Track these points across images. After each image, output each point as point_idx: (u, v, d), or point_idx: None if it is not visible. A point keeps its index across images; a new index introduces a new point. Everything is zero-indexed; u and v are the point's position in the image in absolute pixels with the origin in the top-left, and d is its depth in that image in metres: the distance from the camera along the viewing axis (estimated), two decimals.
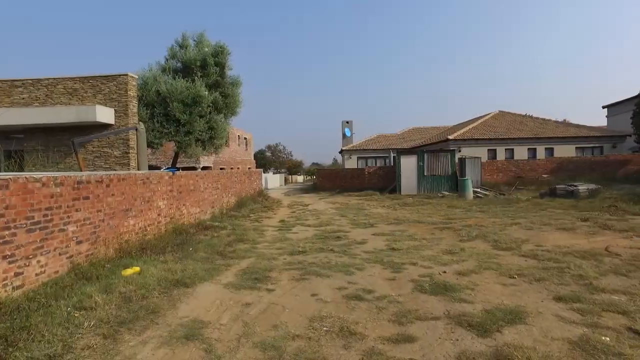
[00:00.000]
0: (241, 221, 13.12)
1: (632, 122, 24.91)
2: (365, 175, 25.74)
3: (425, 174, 21.85)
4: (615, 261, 6.77)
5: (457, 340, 4.04)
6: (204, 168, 30.00)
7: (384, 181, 24.72)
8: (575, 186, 16.61)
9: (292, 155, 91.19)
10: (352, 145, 40.39)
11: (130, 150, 12.94)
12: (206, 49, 17.07)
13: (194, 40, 17.76)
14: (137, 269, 6.39)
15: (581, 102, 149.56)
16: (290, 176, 73.46)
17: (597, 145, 27.50)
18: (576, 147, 27.30)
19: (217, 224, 11.72)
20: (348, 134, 43.82)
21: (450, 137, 26.87)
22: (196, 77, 16.23)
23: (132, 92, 13.31)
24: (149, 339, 4.22)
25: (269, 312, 4.95)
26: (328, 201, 20.52)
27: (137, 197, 8.51)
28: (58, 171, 11.29)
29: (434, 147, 28.07)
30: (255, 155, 59.78)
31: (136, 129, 12.78)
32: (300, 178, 79.26)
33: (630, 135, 26.03)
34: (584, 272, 6.08)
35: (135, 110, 13.46)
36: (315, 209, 16.88)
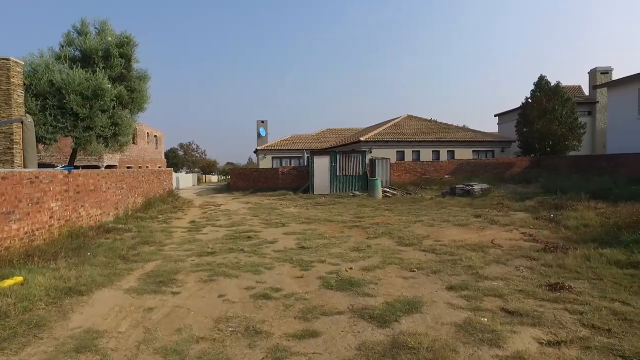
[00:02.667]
0: (148, 223, 12.43)
1: (516, 130, 28.09)
2: (279, 175, 25.81)
3: (337, 174, 22.53)
4: (498, 252, 7.61)
5: (359, 332, 4.25)
6: (108, 167, 27.84)
7: (298, 181, 25.01)
8: (471, 186, 18.30)
9: (206, 155, 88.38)
10: (266, 145, 40.25)
11: (15, 145, 11.54)
12: (109, 39, 15.82)
13: (96, 28, 16.35)
14: (20, 278, 5.74)
15: (480, 110, 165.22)
16: (203, 176, 71.00)
17: (489, 149, 30.57)
18: (473, 150, 30.07)
19: (121, 226, 10.97)
20: (263, 133, 43.58)
21: (362, 138, 28.01)
22: (98, 69, 14.98)
23: (17, 80, 11.86)
24: (28, 356, 3.81)
25: (172, 316, 4.77)
26: (241, 201, 20.24)
27: (22, 198, 7.64)
28: None
29: (347, 148, 29.06)
30: (166, 154, 56.87)
31: (22, 122, 11.42)
32: (214, 178, 76.96)
33: (514, 141, 29.32)
34: (472, 263, 6.75)
35: (20, 100, 12.01)
36: (228, 209, 16.56)
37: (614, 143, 23.99)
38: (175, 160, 75.13)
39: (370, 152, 26.63)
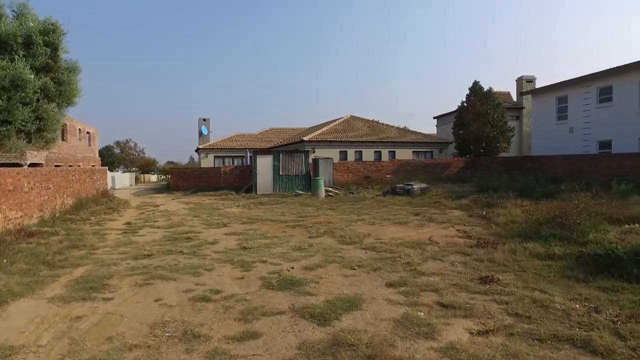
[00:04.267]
0: (79, 225, 11.64)
1: (453, 132, 29.56)
2: (222, 174, 25.25)
3: (280, 173, 22.45)
4: (435, 248, 7.95)
5: (300, 331, 4.25)
6: (32, 165, 25.70)
7: (241, 181, 24.61)
8: (411, 185, 18.99)
9: (144, 153, 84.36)
10: (209, 143, 39.22)
11: None
12: (31, 24, 14.50)
13: (14, 11, 14.92)
14: None
15: (420, 112, 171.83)
16: (142, 175, 67.78)
17: (428, 150, 31.88)
18: (413, 151, 31.20)
19: (46, 229, 10.16)
20: (205, 132, 42.44)
21: (305, 138, 28.11)
22: (17, 57, 13.73)
23: None
24: None
25: (104, 324, 4.50)
26: (182, 201, 19.56)
27: None
28: None
29: (290, 148, 29.03)
30: (101, 152, 53.50)
31: None
32: (153, 177, 73.72)
33: (452, 142, 30.82)
34: (411, 260, 7.00)
35: None
36: (167, 210, 15.94)
37: (537, 145, 26.02)
38: (111, 158, 71.08)
39: (314, 152, 26.80)
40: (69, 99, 15.89)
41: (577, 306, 4.71)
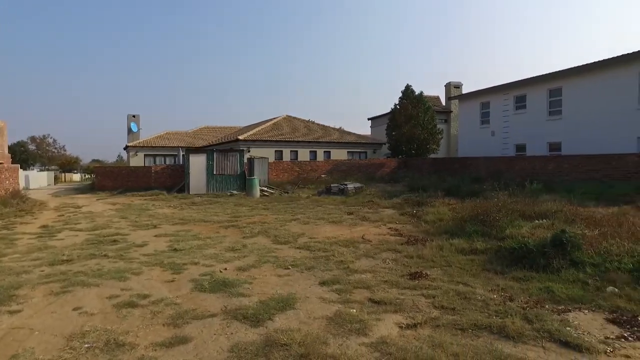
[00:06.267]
0: None
1: (386, 133, 30.60)
2: (152, 173, 24.06)
3: (214, 173, 21.87)
4: (368, 246, 8.16)
5: (232, 333, 4.15)
6: None
7: (173, 180, 23.63)
8: (345, 185, 19.35)
9: (65, 150, 78.03)
10: (138, 141, 37.26)
11: None
12: None
13: None
14: None
15: (355, 113, 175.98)
16: (63, 174, 62.64)
17: (363, 150, 32.71)
18: (348, 151, 31.85)
19: None
20: (134, 129, 40.21)
21: (240, 137, 27.65)
22: None
23: None
24: None
25: (7, 340, 4.05)
26: (108, 202, 18.36)
27: None
28: None
29: (225, 147, 28.39)
30: (11, 148, 48.67)
31: None
32: (76, 177, 68.41)
33: (385, 143, 31.89)
34: (344, 258, 7.13)
35: None
36: (91, 211, 14.87)
37: (463, 147, 27.72)
38: (25, 155, 65.05)
39: (249, 151, 26.44)
40: None
41: (495, 296, 5.07)
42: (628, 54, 17.35)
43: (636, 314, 4.41)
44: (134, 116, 40.82)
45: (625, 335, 4.00)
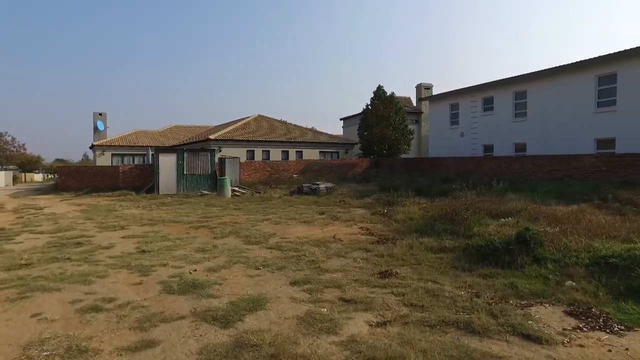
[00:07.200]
0: None
1: (358, 133, 30.84)
2: (120, 173, 23.37)
3: (185, 173, 21.48)
4: (339, 246, 8.20)
5: (201, 335, 4.09)
6: None
7: (142, 180, 23.03)
8: (317, 185, 19.38)
9: (25, 149, 74.61)
10: (105, 140, 36.14)
11: None
12: None
13: None
14: None
15: (328, 112, 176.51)
16: (22, 174, 59.92)
17: (335, 150, 32.85)
18: (320, 151, 31.90)
19: None
20: (101, 127, 38.92)
21: (212, 136, 27.25)
22: None
23: None
24: None
25: None
26: (72, 203, 17.70)
27: None
28: None
29: (196, 146, 27.93)
30: None
31: None
32: (38, 177, 65.61)
33: (357, 143, 32.13)
34: (315, 258, 7.14)
35: None
36: (54, 213, 14.30)
37: (433, 147, 28.27)
38: None
39: (220, 150, 26.09)
40: None
41: (462, 293, 5.20)
42: (586, 60, 18.17)
43: (591, 306, 4.64)
44: (100, 114, 39.51)
45: (581, 326, 4.21)
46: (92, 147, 36.94)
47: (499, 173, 18.03)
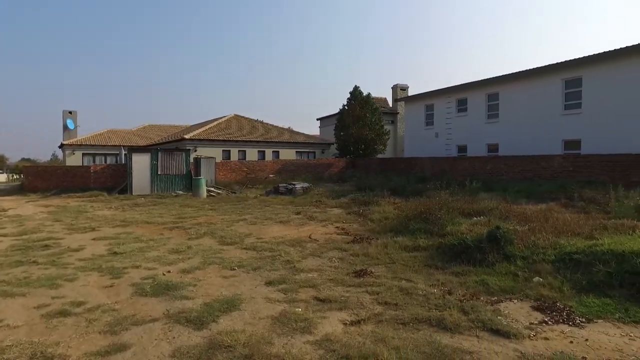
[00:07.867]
0: None
1: (334, 133, 30.96)
2: (91, 173, 22.73)
3: (159, 173, 21.09)
4: (314, 246, 8.21)
5: (174, 338, 4.04)
6: None
7: (114, 180, 22.48)
8: (294, 185, 19.35)
9: None
10: (76, 139, 35.11)
11: None
12: None
13: None
14: None
15: (305, 112, 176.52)
16: None
17: (311, 150, 32.87)
18: (296, 151, 31.86)
19: None
20: (71, 126, 37.77)
21: (186, 136, 26.86)
22: None
23: None
24: None
25: None
26: (39, 204, 17.12)
27: None
28: None
29: (170, 146, 27.46)
30: None
31: None
32: (2, 177, 63.15)
33: (333, 143, 32.25)
34: (291, 258, 7.14)
35: None
36: (19, 215, 13.80)
37: (409, 148, 28.64)
38: None
39: (195, 150, 25.74)
40: None
41: (435, 290, 5.30)
42: (554, 64, 18.82)
43: (556, 301, 4.82)
44: (70, 112, 38.35)
45: (546, 320, 4.36)
46: (61, 146, 35.82)
47: (472, 173, 18.43)
